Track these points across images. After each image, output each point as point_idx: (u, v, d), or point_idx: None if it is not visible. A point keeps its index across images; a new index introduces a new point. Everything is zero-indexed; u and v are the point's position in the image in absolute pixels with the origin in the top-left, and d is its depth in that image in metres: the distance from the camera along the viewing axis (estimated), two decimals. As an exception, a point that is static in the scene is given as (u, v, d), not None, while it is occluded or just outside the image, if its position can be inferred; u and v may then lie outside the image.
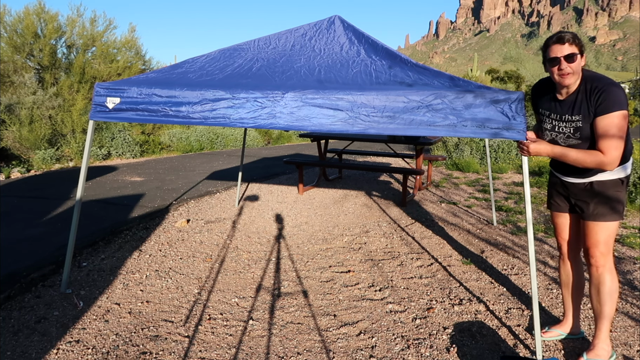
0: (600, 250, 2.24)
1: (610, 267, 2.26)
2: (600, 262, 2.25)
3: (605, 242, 2.24)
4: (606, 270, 2.25)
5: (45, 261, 3.67)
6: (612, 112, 2.03)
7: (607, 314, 2.28)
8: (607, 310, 2.27)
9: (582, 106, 2.14)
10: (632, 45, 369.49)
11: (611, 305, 2.27)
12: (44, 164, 8.64)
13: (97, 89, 3.05)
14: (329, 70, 3.08)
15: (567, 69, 2.10)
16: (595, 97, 2.08)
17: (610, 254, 2.25)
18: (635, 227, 4.71)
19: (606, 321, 2.29)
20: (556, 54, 2.11)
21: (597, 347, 2.31)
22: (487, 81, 22.87)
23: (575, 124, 2.18)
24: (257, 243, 4.32)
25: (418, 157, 6.18)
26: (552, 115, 2.29)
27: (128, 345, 2.54)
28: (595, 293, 2.30)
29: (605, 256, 2.24)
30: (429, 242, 4.33)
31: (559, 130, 2.27)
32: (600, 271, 2.26)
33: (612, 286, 2.26)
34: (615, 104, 2.03)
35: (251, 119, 2.79)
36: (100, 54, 10.94)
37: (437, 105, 2.52)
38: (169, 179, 7.34)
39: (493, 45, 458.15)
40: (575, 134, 2.20)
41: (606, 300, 2.26)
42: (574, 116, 2.18)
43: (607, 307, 2.27)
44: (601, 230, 2.23)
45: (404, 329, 2.74)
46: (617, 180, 2.21)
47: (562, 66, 2.10)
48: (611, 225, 2.23)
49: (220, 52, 3.56)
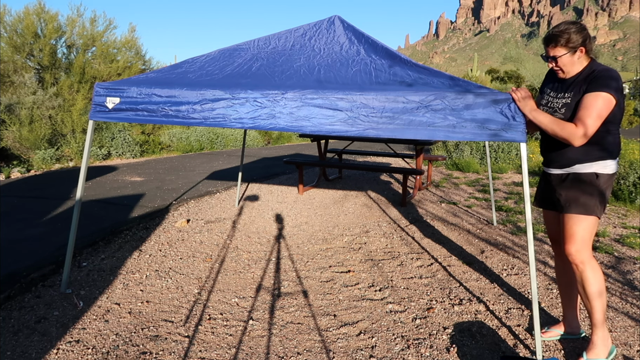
0: (575, 247, 2.23)
1: (592, 264, 2.24)
2: (576, 258, 2.23)
3: (582, 239, 2.22)
4: (586, 267, 2.23)
5: (45, 261, 3.67)
6: (598, 92, 2.08)
7: (599, 311, 2.27)
8: (598, 307, 2.26)
9: (576, 86, 2.21)
10: (632, 45, 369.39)
11: (601, 302, 2.25)
12: (44, 164, 8.64)
13: (97, 89, 3.05)
14: (329, 70, 3.08)
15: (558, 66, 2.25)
16: (590, 79, 2.16)
17: (586, 250, 2.23)
18: (635, 227, 4.71)
19: (599, 318, 2.28)
20: (548, 53, 2.27)
21: (595, 345, 2.31)
22: (487, 81, 22.87)
23: (565, 100, 2.25)
24: (257, 243, 4.32)
25: (418, 157, 6.18)
26: (552, 93, 2.36)
27: (128, 345, 2.54)
28: (582, 291, 2.29)
29: (580, 252, 2.23)
30: (429, 242, 4.33)
31: (550, 105, 2.33)
32: (580, 269, 2.24)
33: (597, 283, 2.23)
34: (604, 86, 2.08)
35: (250, 119, 2.79)
36: (100, 54, 10.94)
37: (436, 106, 2.52)
38: (169, 179, 7.34)
39: (493, 45, 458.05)
40: (561, 109, 2.25)
41: (594, 298, 2.24)
42: (567, 94, 2.24)
43: (597, 304, 2.25)
44: (575, 224, 2.22)
45: (404, 329, 2.74)
46: (592, 174, 2.20)
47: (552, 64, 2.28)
48: (584, 220, 2.21)
49: (219, 52, 3.56)
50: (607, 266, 3.65)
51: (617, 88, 2.09)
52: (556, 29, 2.22)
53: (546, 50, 2.28)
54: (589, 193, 2.21)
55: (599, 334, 2.31)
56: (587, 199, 2.21)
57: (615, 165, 2.24)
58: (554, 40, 2.21)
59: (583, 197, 2.22)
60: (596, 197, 2.21)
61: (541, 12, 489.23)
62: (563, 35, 2.18)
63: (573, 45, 2.18)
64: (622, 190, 5.77)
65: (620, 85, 2.12)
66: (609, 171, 2.21)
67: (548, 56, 2.27)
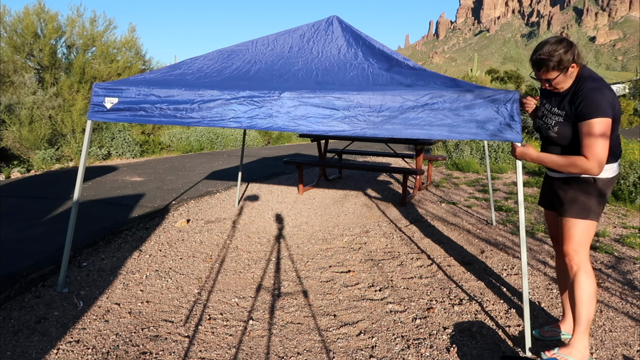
0: (573, 248, 2.22)
1: (587, 268, 2.21)
2: (573, 260, 2.22)
3: (579, 241, 2.21)
4: (581, 270, 2.21)
5: (45, 261, 3.67)
6: (591, 119, 2.04)
7: (584, 317, 2.22)
8: (584, 313, 2.21)
9: (567, 104, 2.18)
10: (632, 45, 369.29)
11: (588, 308, 2.20)
12: (44, 164, 8.64)
13: (96, 89, 3.05)
14: (326, 74, 3.08)
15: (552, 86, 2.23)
16: (578, 100, 2.11)
17: (583, 253, 2.22)
18: (635, 227, 4.71)
19: (583, 324, 2.23)
20: (540, 76, 2.23)
21: (571, 346, 2.26)
22: (487, 81, 22.87)
23: (558, 118, 2.22)
24: (257, 243, 4.32)
25: (418, 157, 6.18)
26: (547, 105, 2.34)
27: (128, 345, 2.54)
28: (571, 293, 2.26)
29: (577, 254, 2.21)
30: (429, 242, 4.33)
31: (546, 120, 2.31)
32: (574, 270, 2.23)
33: (588, 289, 2.20)
34: (594, 111, 2.03)
35: (248, 119, 2.79)
36: (100, 54, 10.94)
37: (434, 105, 2.52)
38: (169, 179, 7.34)
39: (493, 45, 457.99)
40: (554, 128, 2.23)
41: (582, 302, 2.21)
42: (560, 110, 2.22)
43: (583, 310, 2.21)
44: (572, 227, 2.22)
45: (404, 329, 2.74)
46: (590, 178, 2.19)
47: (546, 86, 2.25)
48: (581, 224, 2.20)
49: (218, 53, 3.56)
50: (607, 266, 3.65)
51: (608, 103, 2.04)
52: (543, 52, 2.13)
53: (537, 74, 2.22)
54: (586, 197, 2.20)
55: (579, 341, 2.25)
56: (584, 203, 2.20)
57: (615, 168, 2.22)
58: (544, 65, 2.14)
59: (581, 201, 2.21)
60: (594, 200, 2.19)
61: (541, 12, 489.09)
62: (553, 59, 2.11)
63: (565, 66, 2.13)
64: (622, 190, 5.77)
65: (609, 96, 2.05)
66: (608, 175, 2.19)
67: (541, 79, 2.22)
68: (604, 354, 2.44)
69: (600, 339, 2.58)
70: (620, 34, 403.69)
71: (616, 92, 39.36)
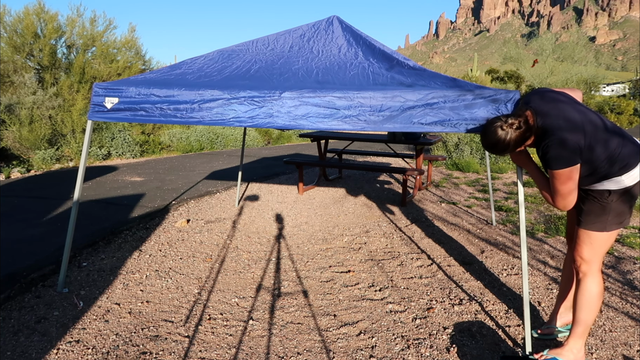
0: (584, 257, 2.20)
1: (596, 276, 2.20)
2: (582, 267, 2.21)
3: (593, 251, 2.18)
4: (588, 277, 2.20)
5: (45, 261, 3.67)
6: (552, 170, 2.05)
7: (583, 321, 2.21)
8: (584, 316, 2.21)
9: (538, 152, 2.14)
10: (632, 45, 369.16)
11: (588, 313, 2.20)
12: (44, 164, 8.64)
13: (96, 89, 3.05)
14: (327, 73, 3.08)
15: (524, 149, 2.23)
16: (541, 153, 2.09)
17: (595, 263, 2.20)
18: (635, 227, 4.71)
19: (580, 328, 2.22)
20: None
21: (564, 347, 2.26)
22: (487, 81, 22.87)
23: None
24: (257, 243, 4.32)
25: (418, 157, 6.18)
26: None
27: (128, 345, 2.54)
28: (575, 294, 2.26)
29: (588, 263, 2.20)
30: (429, 242, 4.33)
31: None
32: (580, 277, 2.23)
33: (593, 294, 2.19)
34: (554, 164, 2.03)
35: (249, 118, 2.79)
36: (100, 54, 10.94)
37: (435, 105, 2.53)
38: (169, 179, 7.34)
39: (493, 45, 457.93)
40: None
41: (583, 306, 2.20)
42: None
43: (583, 314, 2.21)
44: (587, 238, 2.19)
45: (404, 329, 2.74)
46: (604, 191, 2.13)
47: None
48: (595, 236, 2.17)
49: (218, 53, 3.56)
50: (607, 266, 3.65)
51: (569, 151, 1.99)
52: (498, 145, 2.09)
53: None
54: (601, 209, 2.15)
55: (573, 343, 2.25)
56: (599, 216, 2.15)
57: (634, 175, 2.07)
58: (500, 153, 2.15)
59: (595, 214, 2.16)
60: (609, 214, 2.14)
61: (541, 12, 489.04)
62: (509, 148, 2.10)
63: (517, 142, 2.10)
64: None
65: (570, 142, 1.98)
66: (621, 185, 2.10)
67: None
68: (604, 354, 2.44)
69: (600, 339, 2.58)
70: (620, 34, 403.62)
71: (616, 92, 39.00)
